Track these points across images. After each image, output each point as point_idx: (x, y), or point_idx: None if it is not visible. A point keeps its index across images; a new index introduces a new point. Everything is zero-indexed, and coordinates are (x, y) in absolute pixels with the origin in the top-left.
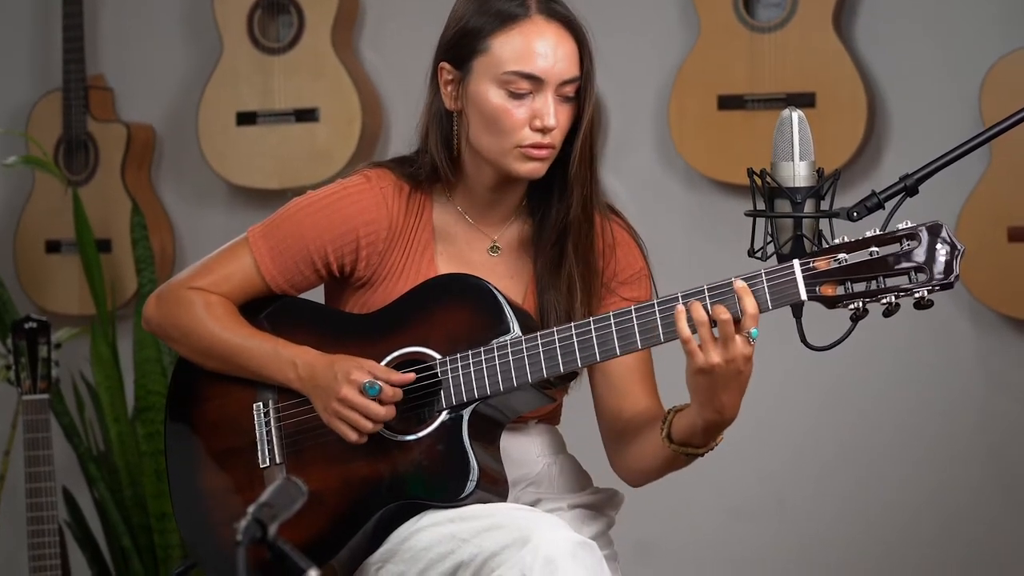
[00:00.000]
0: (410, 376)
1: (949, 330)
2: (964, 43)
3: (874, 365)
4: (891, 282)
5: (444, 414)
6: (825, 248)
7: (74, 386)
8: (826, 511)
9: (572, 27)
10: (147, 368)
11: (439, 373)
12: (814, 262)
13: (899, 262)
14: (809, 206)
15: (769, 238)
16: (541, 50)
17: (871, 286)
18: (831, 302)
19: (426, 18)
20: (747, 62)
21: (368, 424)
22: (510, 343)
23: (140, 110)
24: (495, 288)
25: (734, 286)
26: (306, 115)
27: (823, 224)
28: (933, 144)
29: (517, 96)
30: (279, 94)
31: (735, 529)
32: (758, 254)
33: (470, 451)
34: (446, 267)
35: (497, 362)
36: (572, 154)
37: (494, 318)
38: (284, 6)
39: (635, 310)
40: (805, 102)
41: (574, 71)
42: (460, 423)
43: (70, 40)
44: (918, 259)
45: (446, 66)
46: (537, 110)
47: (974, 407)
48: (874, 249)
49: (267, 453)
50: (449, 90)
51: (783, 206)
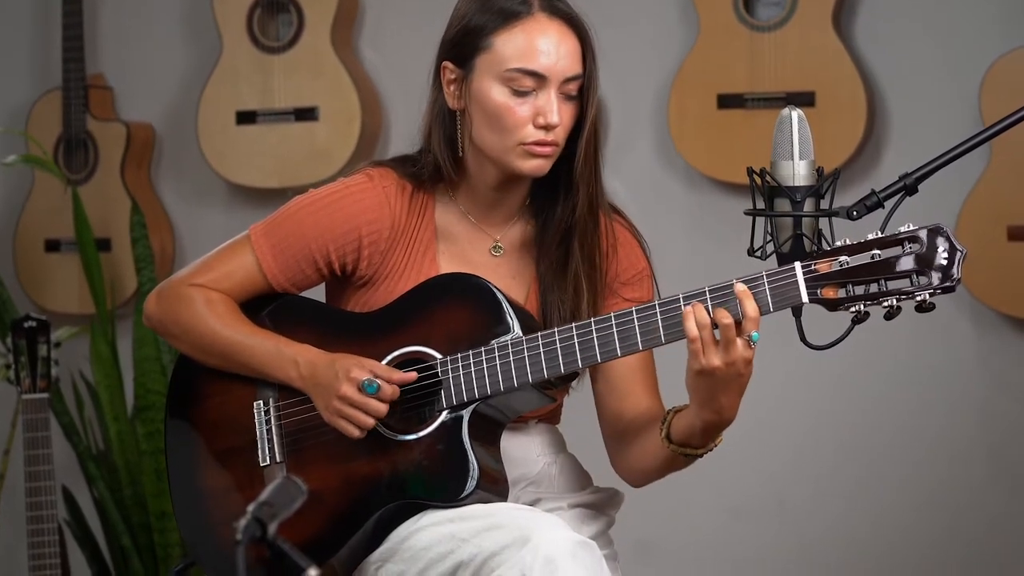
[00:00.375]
0: (411, 375)
1: (949, 329)
2: (964, 42)
3: (874, 364)
4: (893, 285)
5: (444, 414)
6: (827, 250)
7: (74, 385)
8: (826, 511)
9: (575, 25)
10: (147, 367)
11: (439, 373)
12: (816, 264)
13: (901, 265)
14: (809, 205)
15: (769, 237)
16: (544, 47)
17: (873, 289)
18: (832, 305)
19: (426, 17)
20: (747, 61)
21: (368, 420)
22: (511, 343)
23: (140, 109)
24: (496, 288)
25: (735, 289)
26: (306, 114)
27: (823, 223)
28: (933, 143)
29: (520, 94)
30: (279, 93)
31: (735, 529)
32: (758, 253)
33: (470, 451)
34: (448, 267)
35: (498, 362)
36: (577, 153)
37: (495, 318)
38: (284, 5)
39: (636, 311)
40: (805, 101)
41: (577, 68)
42: (460, 423)
43: (70, 39)
44: (920, 262)
45: (449, 65)
46: (540, 107)
47: (974, 406)
48: (876, 252)
49: (267, 451)
50: (452, 89)
51: (783, 205)
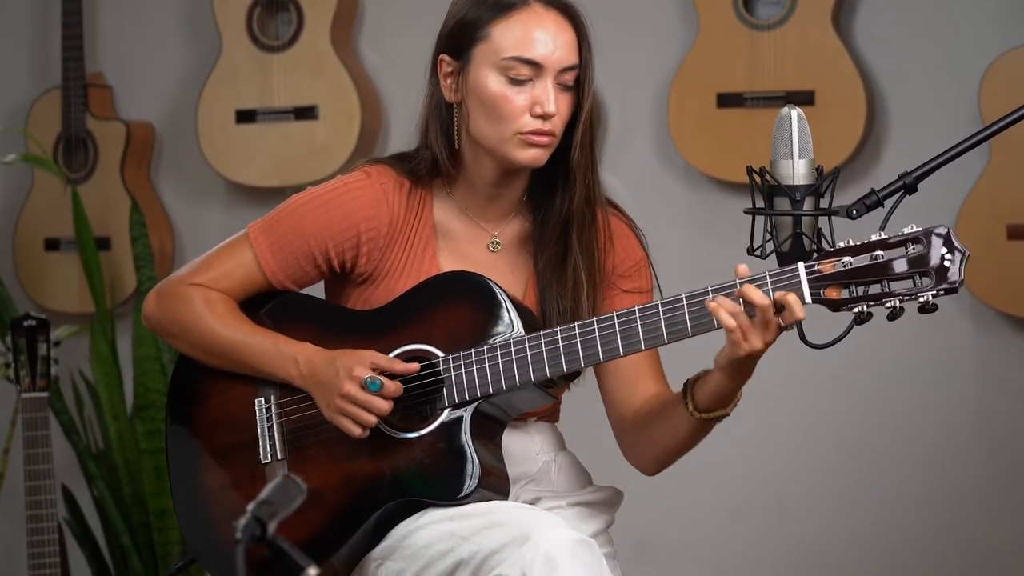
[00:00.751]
0: (414, 366)
1: (949, 329)
2: (963, 41)
3: (873, 363)
4: (895, 286)
5: (446, 412)
6: (829, 251)
7: (73, 384)
8: (826, 510)
9: (571, 15)
10: (146, 366)
11: (441, 371)
12: (819, 265)
13: (904, 266)
14: (808, 204)
15: (768, 236)
16: (540, 37)
17: (875, 290)
18: (835, 305)
19: (425, 16)
20: (746, 60)
21: (371, 418)
22: (513, 341)
23: (139, 108)
24: (498, 286)
25: (738, 291)
26: (305, 113)
27: (822, 222)
28: (932, 142)
29: (517, 83)
30: (278, 92)
31: (735, 528)
32: (757, 252)
33: (471, 449)
34: (447, 263)
35: (500, 361)
36: (573, 143)
37: (497, 316)
38: (283, 4)
39: (639, 310)
40: (804, 100)
41: (573, 59)
42: (462, 421)
43: (69, 38)
44: (923, 263)
45: (445, 58)
46: (537, 97)
47: (974, 405)
48: (879, 253)
49: (268, 449)
50: (449, 82)
51: (782, 204)
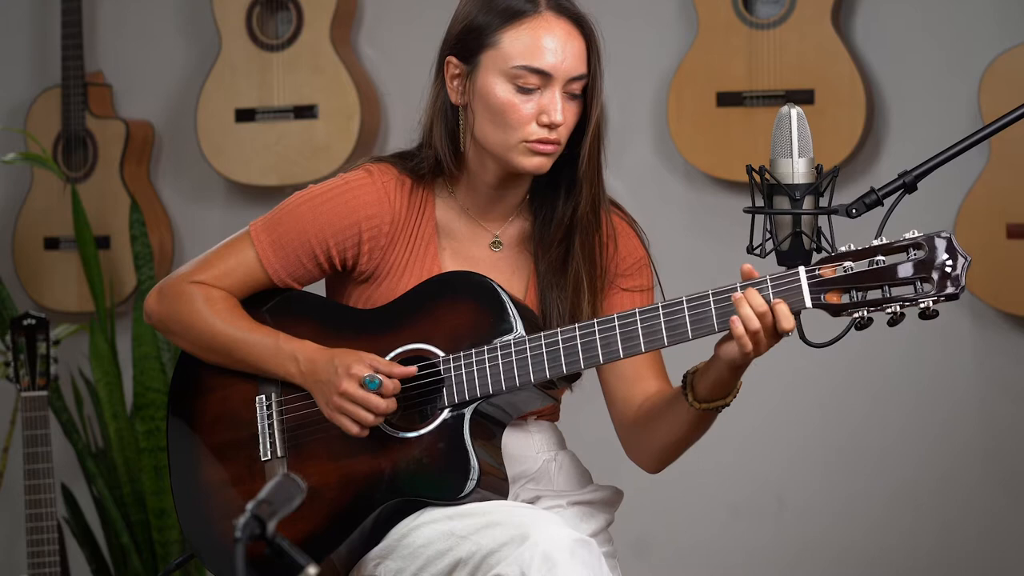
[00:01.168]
0: (412, 369)
1: (948, 327)
2: (963, 39)
3: (873, 362)
4: (896, 291)
5: (446, 412)
6: (831, 256)
7: (73, 383)
8: (826, 509)
9: (582, 24)
10: (146, 365)
11: (442, 371)
12: (820, 269)
13: (905, 271)
14: (808, 203)
15: (768, 235)
16: (550, 46)
17: (876, 295)
18: (836, 310)
19: (424, 14)
20: (746, 59)
21: (369, 417)
22: (514, 342)
23: (139, 107)
24: (500, 287)
25: (735, 297)
26: (305, 112)
27: (822, 221)
28: (932, 141)
29: (525, 91)
30: (278, 91)
31: (735, 527)
32: (757, 251)
33: (471, 450)
34: (449, 262)
35: (500, 362)
36: (581, 153)
37: (498, 317)
38: (283, 3)
39: (640, 312)
40: (804, 99)
41: (582, 68)
42: (462, 421)
43: (69, 37)
44: (924, 269)
45: (453, 60)
46: (544, 106)
47: (973, 404)
48: (880, 258)
49: (268, 446)
50: (455, 84)
51: (782, 203)
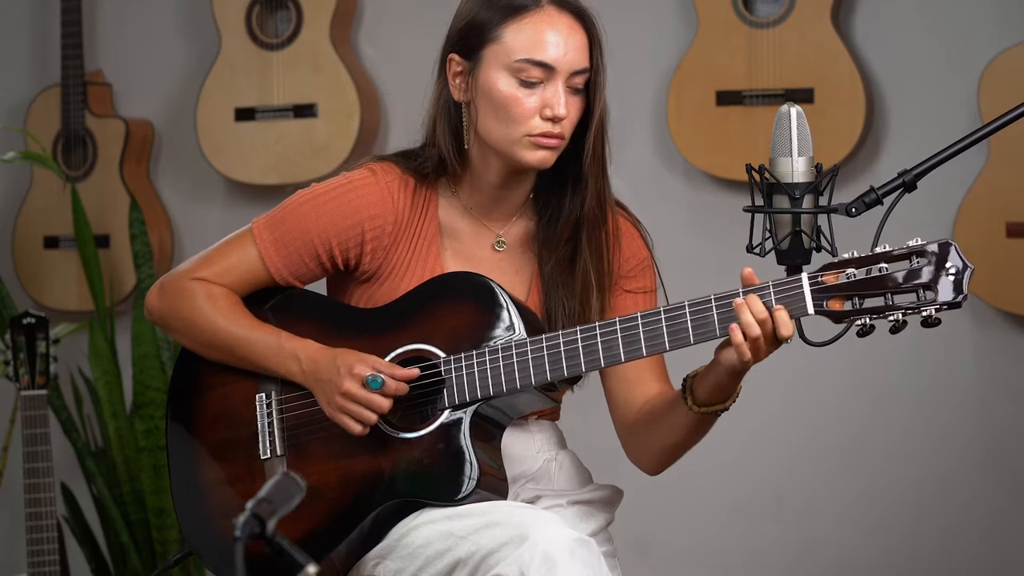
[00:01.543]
0: (414, 371)
1: (948, 326)
2: (963, 38)
3: (873, 361)
4: (899, 299)
5: (446, 413)
6: (834, 263)
7: (72, 382)
8: (826, 509)
9: (583, 18)
10: (145, 364)
11: (442, 372)
12: (822, 276)
13: (908, 279)
14: (808, 202)
15: (767, 234)
16: (552, 39)
17: (878, 303)
18: (838, 317)
19: (424, 13)
20: (745, 58)
21: (372, 416)
22: (515, 344)
23: (138, 106)
24: (502, 288)
25: (736, 304)
26: (304, 110)
27: (821, 220)
28: (932, 140)
29: (528, 85)
30: (277, 89)
31: (734, 526)
32: (756, 250)
33: (471, 451)
34: (452, 262)
35: (501, 363)
36: (585, 147)
37: (499, 318)
38: (282, 2)
39: (641, 316)
40: (803, 98)
41: (584, 62)
42: (462, 423)
43: (68, 36)
44: (927, 277)
45: (455, 57)
46: (547, 99)
47: (973, 403)
48: (883, 265)
49: (268, 445)
50: (458, 81)
51: (781, 202)
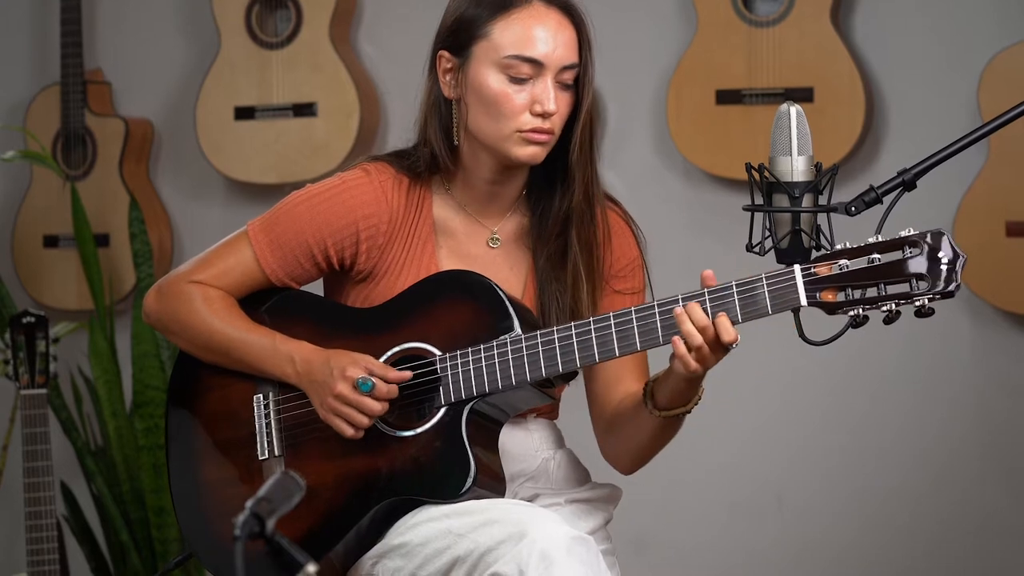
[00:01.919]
0: (407, 374)
1: (947, 325)
2: (962, 37)
3: (872, 360)
4: (892, 289)
5: (443, 410)
6: (826, 254)
7: (72, 381)
8: (825, 507)
9: (572, 14)
10: (145, 363)
11: (438, 370)
12: (815, 267)
13: (901, 269)
14: (807, 201)
15: (767, 233)
16: (541, 35)
17: (871, 293)
18: (831, 308)
19: (423, 11)
20: (745, 57)
21: (363, 419)
22: (509, 341)
23: (138, 104)
24: (496, 285)
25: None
26: (304, 109)
27: (821, 219)
28: (931, 138)
29: (517, 81)
30: (277, 88)
31: (733, 525)
32: (756, 249)
33: (468, 448)
34: (447, 260)
35: (496, 360)
36: (572, 141)
37: (495, 315)
38: (282, 1)
39: (635, 311)
40: (803, 97)
41: (573, 57)
42: (459, 420)
43: (68, 34)
44: (920, 267)
45: (445, 54)
46: (537, 95)
47: (972, 402)
48: (875, 256)
49: (266, 445)
50: (448, 78)
51: (781, 201)
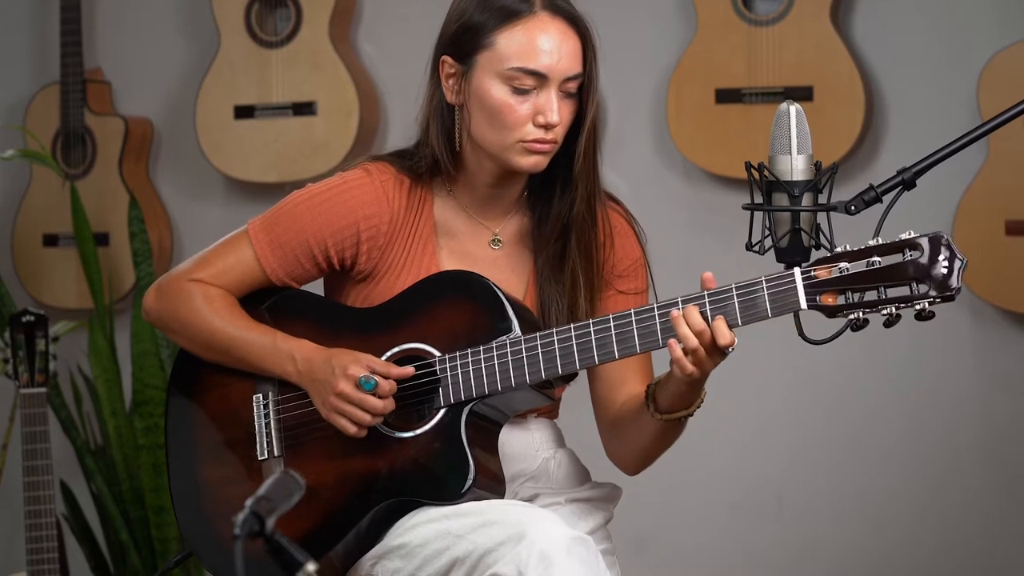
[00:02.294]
0: (409, 370)
1: (947, 325)
2: (962, 36)
3: (872, 359)
4: (892, 292)
5: (442, 412)
6: (827, 257)
7: (72, 380)
8: (825, 507)
9: (576, 24)
10: (144, 362)
11: (438, 371)
12: (815, 271)
13: (901, 272)
14: (807, 200)
15: (767, 232)
16: (545, 47)
17: (871, 296)
18: (831, 311)
19: (423, 11)
20: (745, 56)
21: (366, 417)
22: (509, 342)
23: (138, 103)
24: (496, 286)
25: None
26: (304, 108)
27: (821, 218)
28: (931, 137)
29: (520, 92)
30: (277, 87)
31: (733, 524)
32: (755, 247)
33: (467, 449)
34: (448, 261)
35: (496, 361)
36: (576, 151)
37: (495, 317)
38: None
39: (635, 313)
40: (803, 95)
41: (577, 68)
42: (458, 421)
43: (68, 34)
44: (920, 270)
45: (448, 60)
46: (540, 106)
47: (973, 401)
48: (876, 259)
49: (265, 445)
50: (451, 83)
51: (781, 200)
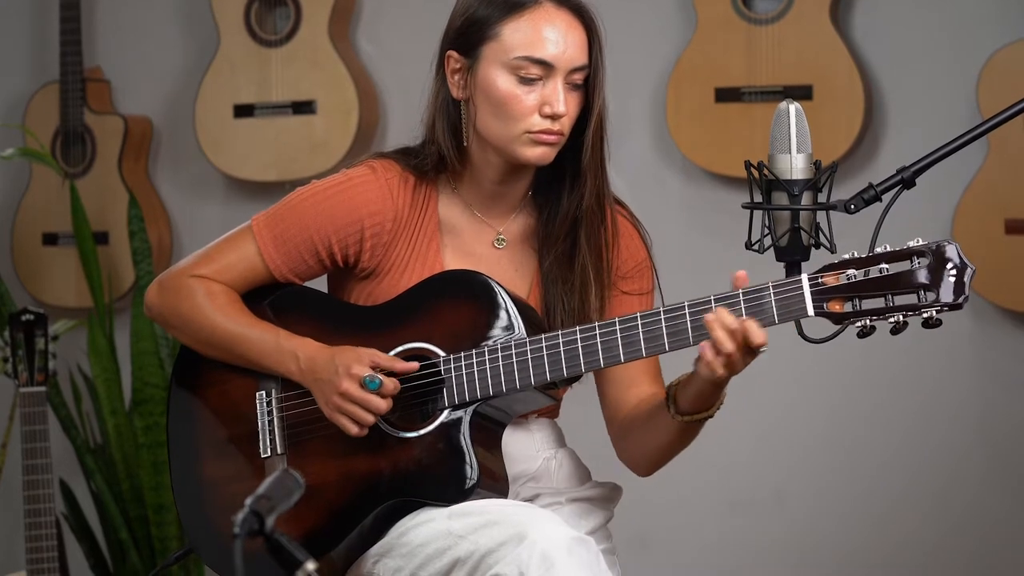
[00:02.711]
0: (414, 365)
1: (947, 324)
2: (962, 35)
3: (873, 359)
4: (899, 300)
5: (446, 412)
6: (834, 264)
7: (71, 378)
8: (826, 506)
9: (582, 14)
10: (144, 360)
11: (442, 371)
12: (822, 278)
13: (908, 280)
14: (806, 199)
15: (766, 230)
16: (551, 36)
17: (879, 304)
18: (838, 318)
19: (422, 9)
20: (744, 54)
21: (369, 417)
22: (514, 344)
23: (137, 102)
24: (501, 286)
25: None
26: (303, 107)
27: (820, 216)
28: (930, 136)
29: (527, 82)
30: (276, 86)
31: (734, 523)
32: (755, 246)
33: (470, 450)
34: (452, 260)
35: (500, 363)
36: (584, 143)
37: (498, 317)
38: None
39: (641, 317)
40: (802, 94)
41: (583, 59)
42: (461, 422)
43: (67, 32)
44: (927, 278)
45: (453, 54)
46: (546, 96)
47: (974, 400)
48: (884, 266)
49: (268, 443)
50: (456, 79)
51: (780, 199)
